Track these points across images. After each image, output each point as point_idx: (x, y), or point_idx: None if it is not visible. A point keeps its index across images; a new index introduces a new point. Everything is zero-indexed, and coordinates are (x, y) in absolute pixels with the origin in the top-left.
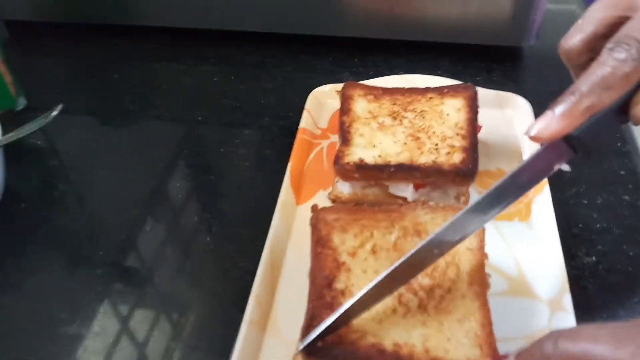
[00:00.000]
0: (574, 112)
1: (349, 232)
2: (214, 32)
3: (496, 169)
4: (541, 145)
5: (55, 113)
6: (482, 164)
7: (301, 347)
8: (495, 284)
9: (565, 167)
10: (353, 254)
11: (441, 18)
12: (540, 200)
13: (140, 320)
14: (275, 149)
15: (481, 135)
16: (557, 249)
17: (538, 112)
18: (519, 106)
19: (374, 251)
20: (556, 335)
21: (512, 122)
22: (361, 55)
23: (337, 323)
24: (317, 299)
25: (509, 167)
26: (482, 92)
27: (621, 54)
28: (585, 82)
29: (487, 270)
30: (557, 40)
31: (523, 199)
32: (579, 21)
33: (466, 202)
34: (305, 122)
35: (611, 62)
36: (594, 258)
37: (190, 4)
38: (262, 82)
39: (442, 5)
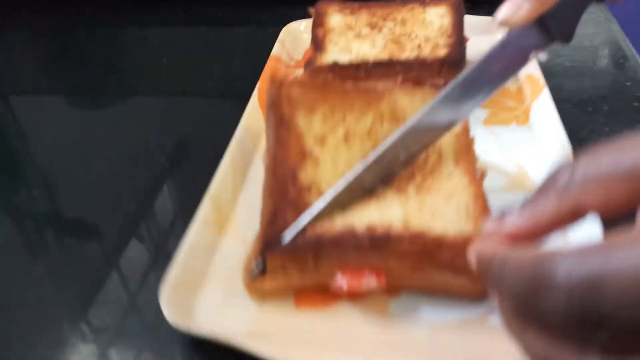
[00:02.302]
0: None
1: (317, 113)
2: None
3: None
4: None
5: None
6: None
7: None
8: (494, 179)
9: (542, 56)
10: (321, 141)
11: None
12: (539, 103)
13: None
14: None
15: (469, 56)
16: (562, 142)
17: None
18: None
19: (346, 138)
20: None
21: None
22: None
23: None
24: (280, 195)
25: None
26: (470, 19)
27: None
28: None
29: (483, 166)
30: None
31: (519, 106)
32: None
33: None
34: (277, 50)
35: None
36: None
37: None
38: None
39: None
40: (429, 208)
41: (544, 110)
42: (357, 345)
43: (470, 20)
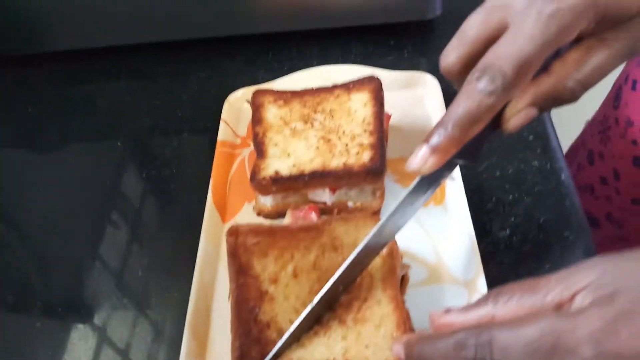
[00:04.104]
0: (447, 145)
1: (270, 256)
2: (126, 47)
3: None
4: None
5: None
6: (397, 151)
7: None
8: (416, 273)
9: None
10: (275, 280)
11: (345, 1)
12: (451, 183)
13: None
14: (199, 165)
15: (394, 120)
16: (469, 230)
17: (449, 86)
18: (428, 84)
19: (295, 274)
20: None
21: (423, 102)
22: (274, 50)
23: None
24: (244, 334)
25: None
26: (391, 75)
27: (486, 86)
28: (454, 115)
29: (407, 260)
30: (463, 7)
31: None
32: (454, 38)
33: (382, 196)
34: (223, 134)
35: (477, 95)
36: (507, 231)
37: (91, 23)
38: (177, 93)
39: None
40: (363, 338)
41: (456, 190)
42: None
43: (390, 75)
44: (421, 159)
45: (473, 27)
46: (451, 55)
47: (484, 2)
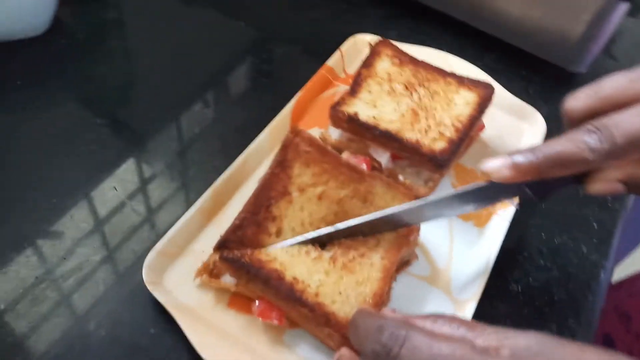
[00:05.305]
0: (526, 170)
1: (310, 168)
2: None
3: (480, 173)
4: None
5: None
6: (470, 161)
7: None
8: (419, 267)
9: (514, 205)
10: (302, 190)
11: (506, 15)
12: (502, 215)
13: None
14: (296, 78)
15: (485, 134)
16: (489, 262)
17: (551, 137)
18: (535, 123)
19: (320, 197)
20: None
21: (521, 135)
22: (419, 21)
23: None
24: (251, 212)
25: None
26: (508, 96)
27: (594, 142)
28: (549, 148)
29: (419, 252)
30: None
31: (484, 209)
32: (590, 87)
33: (433, 188)
34: (333, 60)
35: (581, 143)
36: (519, 287)
37: None
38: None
39: (517, 5)
40: (341, 285)
41: (500, 224)
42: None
43: (507, 96)
44: (498, 166)
45: (612, 86)
46: (580, 100)
47: (634, 68)
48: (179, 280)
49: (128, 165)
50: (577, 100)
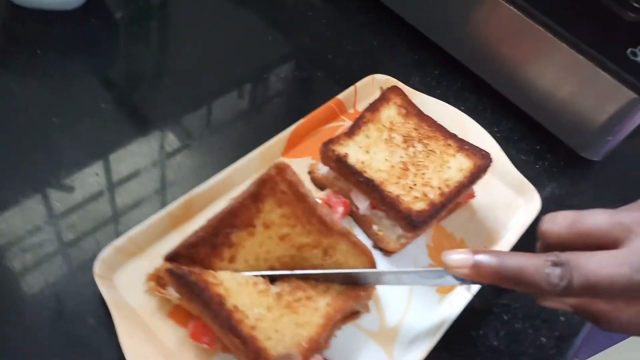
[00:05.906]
0: (485, 273)
1: (281, 209)
2: None
3: (460, 239)
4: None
5: None
6: (453, 227)
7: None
8: (370, 320)
9: (469, 289)
10: (267, 227)
11: (535, 87)
12: (466, 289)
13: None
14: (308, 101)
15: (475, 202)
16: (439, 333)
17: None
18: (531, 202)
19: (282, 238)
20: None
21: (514, 210)
22: (443, 71)
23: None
24: (210, 232)
25: (474, 245)
26: (510, 169)
27: (552, 277)
28: (513, 261)
29: (372, 305)
30: (625, 168)
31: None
32: (571, 215)
33: (404, 245)
34: (345, 95)
35: (541, 272)
36: None
37: None
38: (351, 39)
39: (546, 82)
40: (280, 324)
41: (461, 297)
42: None
43: (510, 169)
44: (458, 262)
45: (592, 223)
46: (556, 226)
47: (619, 209)
48: (129, 280)
49: (118, 155)
50: (554, 225)
